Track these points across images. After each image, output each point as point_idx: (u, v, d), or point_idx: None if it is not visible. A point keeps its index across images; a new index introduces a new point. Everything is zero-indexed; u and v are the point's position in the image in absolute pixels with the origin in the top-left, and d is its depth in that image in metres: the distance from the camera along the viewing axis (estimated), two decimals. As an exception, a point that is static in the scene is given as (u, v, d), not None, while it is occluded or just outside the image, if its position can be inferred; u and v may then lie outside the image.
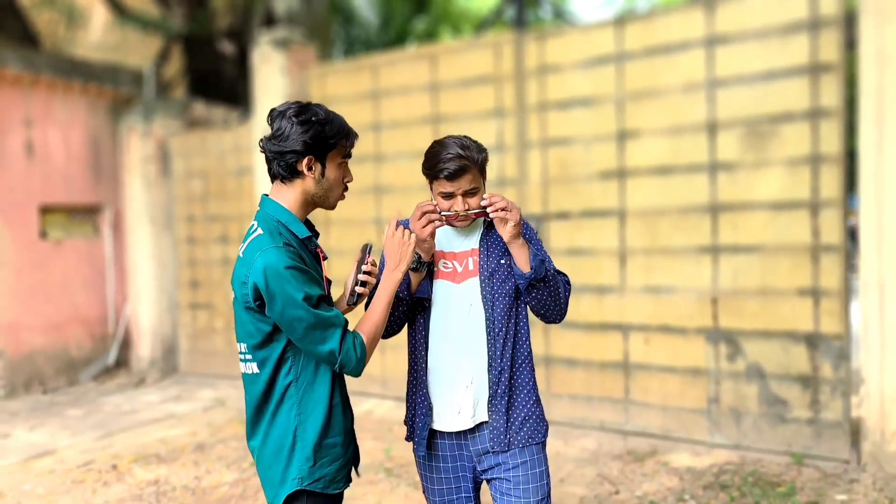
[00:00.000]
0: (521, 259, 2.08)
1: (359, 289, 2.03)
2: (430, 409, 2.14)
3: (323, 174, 1.91)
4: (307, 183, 1.91)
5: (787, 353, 4.51)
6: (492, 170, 5.55)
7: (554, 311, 2.16)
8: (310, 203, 1.95)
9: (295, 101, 1.94)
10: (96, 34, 11.64)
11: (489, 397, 2.10)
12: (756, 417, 4.60)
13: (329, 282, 2.04)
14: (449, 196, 2.07)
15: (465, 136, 2.10)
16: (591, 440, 4.92)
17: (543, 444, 2.17)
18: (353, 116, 2.07)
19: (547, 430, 2.18)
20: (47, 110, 7.22)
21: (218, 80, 10.86)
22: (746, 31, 4.58)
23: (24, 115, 7.01)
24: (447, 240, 2.19)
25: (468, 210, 2.06)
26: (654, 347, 4.94)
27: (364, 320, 1.94)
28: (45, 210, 7.23)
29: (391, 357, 5.91)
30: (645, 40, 4.92)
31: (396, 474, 4.40)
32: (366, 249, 2.06)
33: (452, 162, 2.01)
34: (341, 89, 6.23)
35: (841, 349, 4.36)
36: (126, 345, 7.90)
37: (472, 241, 2.17)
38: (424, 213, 2.07)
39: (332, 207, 2.00)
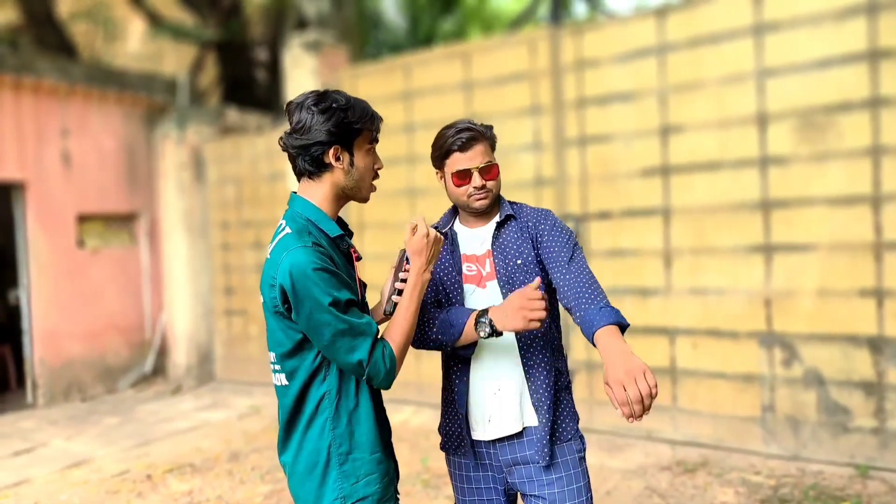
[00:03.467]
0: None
1: (395, 297, 1.88)
2: (466, 419, 2.01)
3: (352, 163, 1.77)
4: (336, 175, 1.77)
5: (848, 358, 4.23)
6: (529, 169, 5.38)
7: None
8: (341, 197, 1.81)
9: (312, 90, 1.79)
10: (133, 44, 11.79)
11: (533, 403, 1.96)
12: (815, 426, 4.33)
13: (364, 285, 1.89)
14: (464, 175, 1.96)
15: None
16: (637, 451, 4.70)
17: (584, 457, 2.01)
18: (385, 118, 1.94)
19: (585, 445, 2.04)
20: (83, 119, 7.27)
21: (251, 87, 10.90)
22: (798, 17, 4.33)
23: (61, 124, 7.07)
24: (467, 241, 2.06)
25: (485, 185, 1.96)
26: (703, 352, 4.70)
27: (392, 327, 1.78)
28: (82, 218, 7.27)
29: (427, 364, 5.75)
30: (688, 30, 4.69)
31: (434, 486, 4.24)
32: (403, 255, 1.91)
33: (462, 133, 1.96)
34: (373, 90, 6.12)
35: (907, 353, 4.07)
36: (163, 352, 7.91)
37: (489, 243, 2.03)
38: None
39: (366, 199, 1.85)
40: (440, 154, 2.00)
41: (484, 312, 1.85)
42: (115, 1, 11.11)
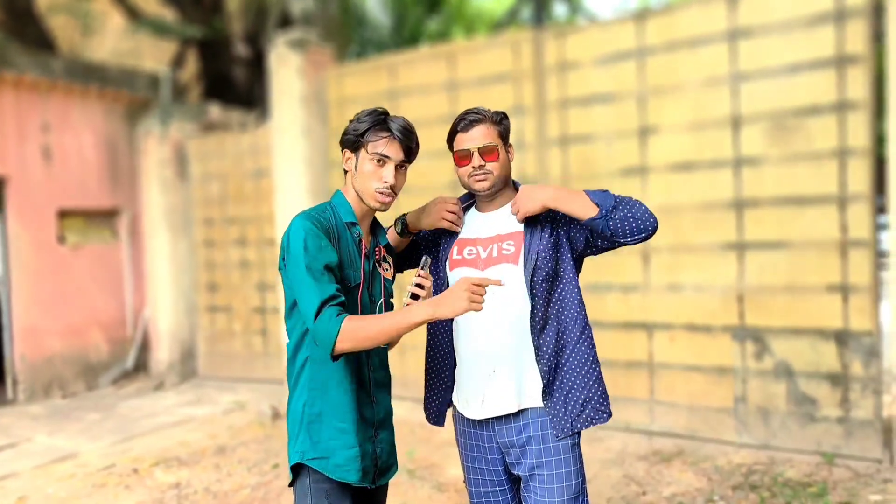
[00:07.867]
0: (581, 207, 1.96)
1: (407, 300, 1.98)
2: (450, 390, 2.17)
3: (356, 167, 2.02)
4: (351, 176, 2.05)
5: (815, 351, 4.43)
6: (513, 167, 5.50)
7: (641, 222, 1.95)
8: (358, 197, 2.04)
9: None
10: (112, 39, 11.70)
11: (544, 385, 2.02)
12: (785, 416, 4.52)
13: (385, 280, 2.08)
14: (465, 156, 2.07)
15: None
16: (616, 441, 4.85)
17: (576, 443, 2.05)
18: (371, 117, 2.12)
19: (609, 406, 2.09)
20: (64, 115, 7.25)
21: (233, 84, 10.89)
22: (770, 24, 4.51)
23: (42, 120, 7.04)
24: (473, 225, 2.17)
25: (483, 165, 2.05)
26: (680, 346, 4.87)
27: (364, 318, 1.81)
28: (63, 214, 7.25)
29: (411, 357, 5.85)
30: (666, 35, 4.86)
31: (420, 476, 4.36)
32: (423, 262, 2.02)
33: (467, 115, 2.08)
34: (358, 90, 6.21)
35: (871, 346, 4.27)
36: (145, 349, 7.90)
37: (498, 227, 2.12)
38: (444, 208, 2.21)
39: (370, 204, 2.02)
40: (449, 137, 2.12)
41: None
42: (94, -5, 11.03)
